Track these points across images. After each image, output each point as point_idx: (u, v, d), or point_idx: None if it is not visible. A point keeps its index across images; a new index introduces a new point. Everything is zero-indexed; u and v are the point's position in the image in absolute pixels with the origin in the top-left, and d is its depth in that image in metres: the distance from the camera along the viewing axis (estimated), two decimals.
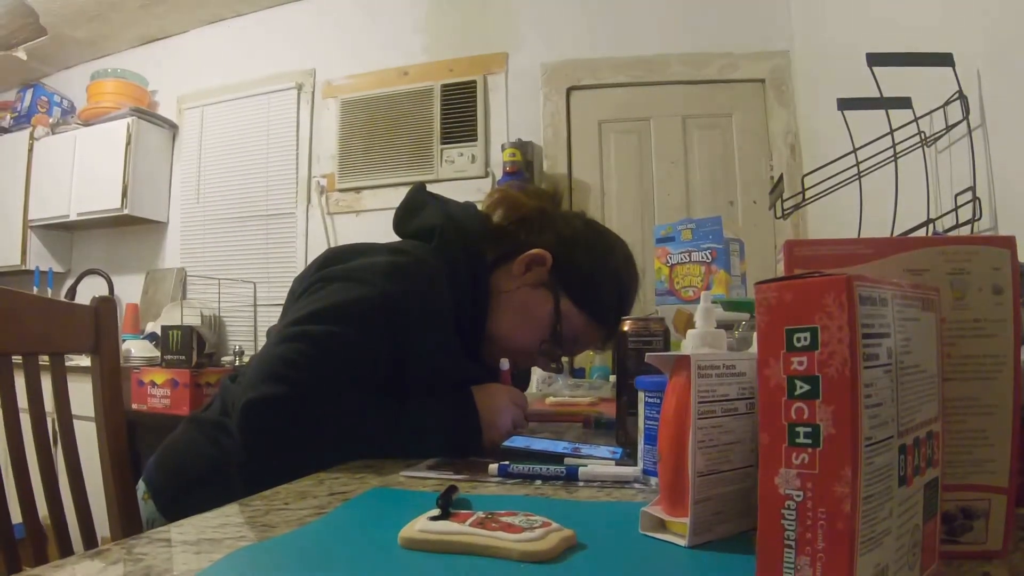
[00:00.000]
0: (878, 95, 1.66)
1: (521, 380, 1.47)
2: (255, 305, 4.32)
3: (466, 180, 3.92)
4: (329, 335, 1.09)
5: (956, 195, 1.56)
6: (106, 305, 1.42)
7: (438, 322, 1.21)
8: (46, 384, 1.29)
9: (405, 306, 1.15)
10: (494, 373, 1.33)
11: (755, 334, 0.46)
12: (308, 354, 1.07)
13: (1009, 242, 0.56)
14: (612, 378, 2.06)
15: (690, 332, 0.74)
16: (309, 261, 1.32)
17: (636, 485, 0.85)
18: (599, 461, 0.96)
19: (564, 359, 1.42)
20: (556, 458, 0.99)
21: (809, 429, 0.42)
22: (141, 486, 1.30)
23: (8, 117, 4.89)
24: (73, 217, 4.54)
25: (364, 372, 1.11)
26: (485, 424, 1.13)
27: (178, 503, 1.16)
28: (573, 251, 1.33)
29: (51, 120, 4.83)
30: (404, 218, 1.40)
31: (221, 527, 0.69)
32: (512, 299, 1.32)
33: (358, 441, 1.07)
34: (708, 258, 1.69)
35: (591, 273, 1.33)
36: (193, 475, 1.22)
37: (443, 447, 1.08)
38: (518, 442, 1.10)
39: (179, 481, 1.24)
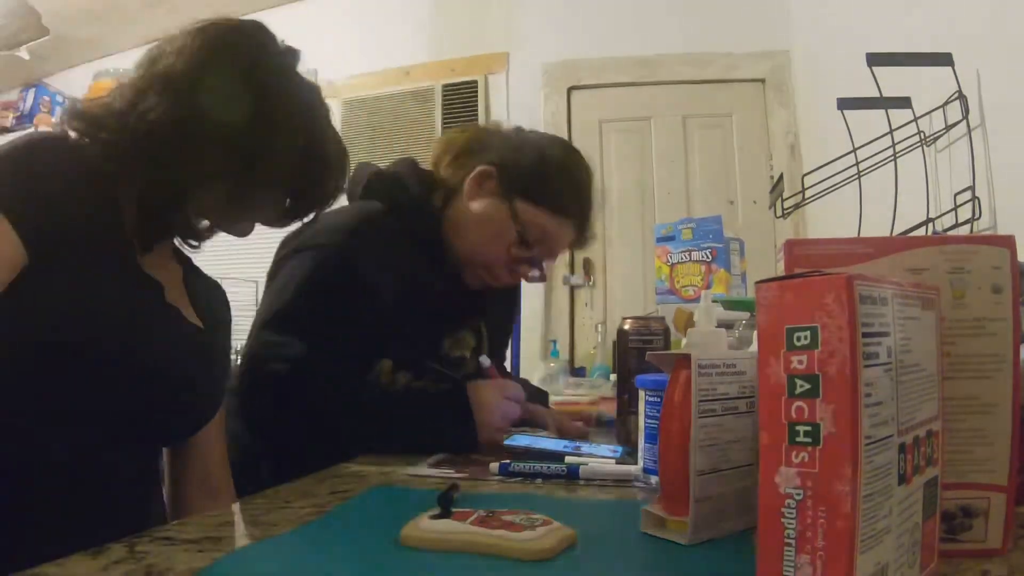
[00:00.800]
0: (878, 95, 1.66)
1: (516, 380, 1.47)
2: (257, 304, 4.31)
3: None
4: (295, 305, 1.16)
5: (955, 194, 1.56)
6: None
7: (392, 251, 1.25)
8: None
9: (356, 248, 1.21)
10: (471, 297, 1.38)
11: (755, 333, 0.46)
12: (285, 330, 1.14)
13: (1008, 241, 0.57)
14: (613, 377, 2.07)
15: (690, 331, 0.75)
16: None
17: (637, 483, 0.86)
18: (600, 460, 0.96)
19: (545, 265, 1.43)
20: (557, 456, 0.99)
21: (809, 428, 0.42)
22: None
23: (11, 117, 4.89)
24: None
25: (340, 327, 1.15)
26: (478, 424, 1.14)
27: None
28: (514, 155, 1.36)
29: (54, 120, 4.83)
30: (350, 190, 1.42)
31: (223, 525, 0.70)
32: (470, 215, 1.34)
33: (353, 428, 1.11)
34: (708, 257, 1.70)
35: (536, 169, 1.34)
36: None
37: (436, 447, 1.09)
38: (519, 440, 1.10)
39: None
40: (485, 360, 1.35)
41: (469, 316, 1.40)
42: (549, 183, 1.34)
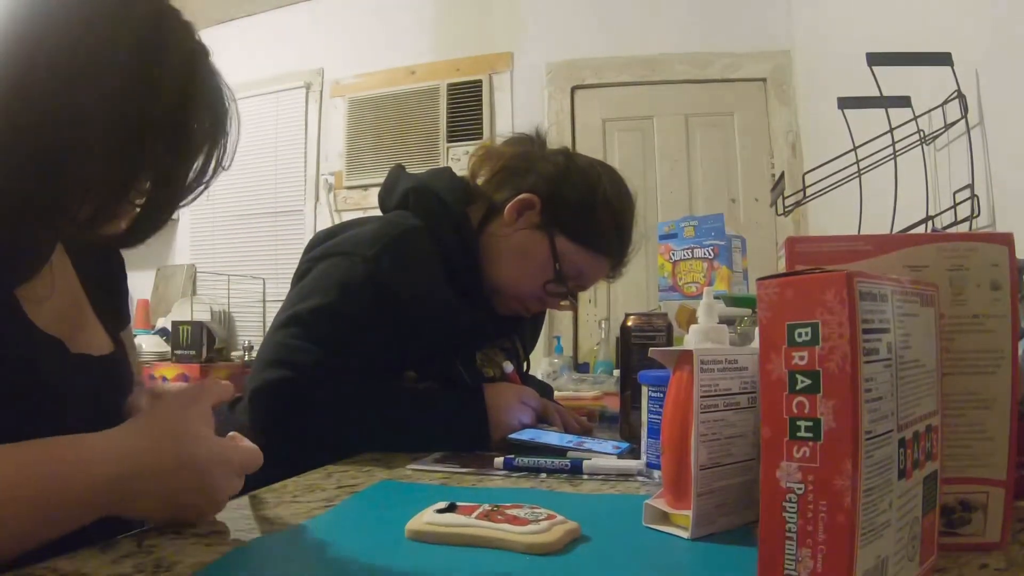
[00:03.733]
0: (878, 94, 1.66)
1: (529, 382, 1.46)
2: (264, 301, 4.35)
3: None
4: (317, 311, 1.12)
5: (955, 192, 1.57)
6: None
7: (424, 277, 1.21)
8: None
9: (383, 268, 1.16)
10: (502, 321, 1.36)
11: (757, 329, 0.46)
12: (302, 335, 1.10)
13: (1007, 239, 0.57)
14: (616, 372, 2.07)
15: (693, 327, 0.75)
16: None
17: (639, 478, 0.86)
18: (603, 455, 0.97)
19: (578, 293, 1.42)
20: (560, 452, 1.00)
21: (810, 423, 0.43)
22: None
23: None
24: None
25: (361, 340, 1.13)
26: (493, 423, 1.14)
27: None
28: (560, 188, 1.31)
29: None
30: (384, 197, 1.40)
31: (231, 520, 0.70)
32: (507, 245, 1.31)
33: (365, 432, 1.09)
34: (710, 254, 1.70)
35: (581, 206, 1.31)
36: None
37: (450, 445, 1.09)
38: (523, 435, 1.11)
39: None
40: (508, 366, 1.35)
41: (501, 335, 1.39)
42: (593, 222, 1.32)
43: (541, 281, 1.32)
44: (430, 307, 1.20)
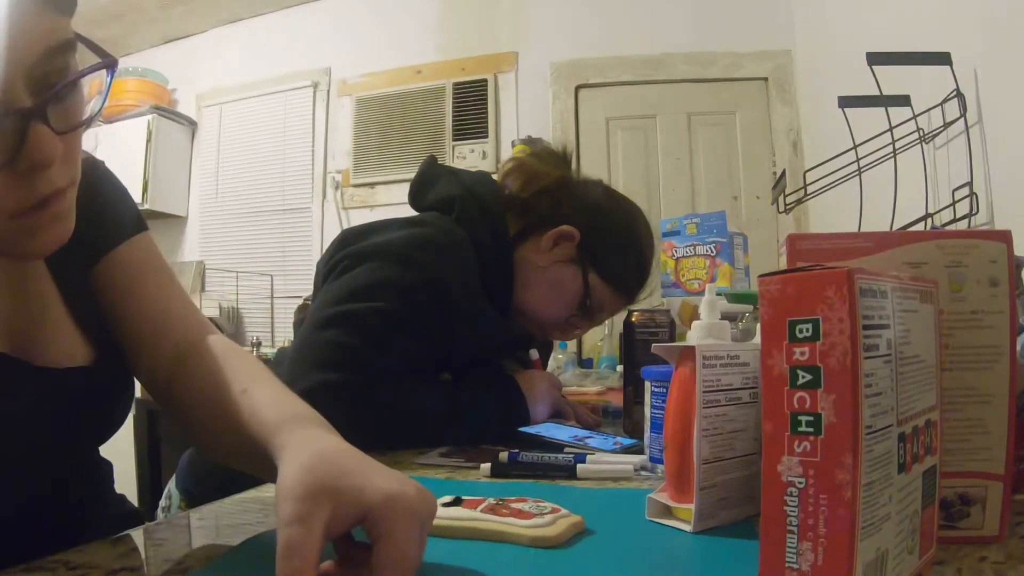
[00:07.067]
0: (878, 93, 1.67)
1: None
2: (272, 297, 4.38)
3: None
4: (374, 313, 1.07)
5: (954, 191, 1.57)
6: None
7: (473, 288, 1.21)
8: None
9: (441, 276, 1.14)
10: (525, 339, 1.37)
11: (758, 325, 0.47)
12: (355, 335, 1.05)
13: (1005, 236, 0.57)
14: (619, 368, 2.07)
15: (695, 323, 0.75)
16: None
17: (643, 472, 0.87)
18: (606, 450, 0.97)
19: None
20: (564, 447, 1.00)
21: (811, 418, 0.43)
22: (175, 496, 1.27)
23: None
24: None
25: (413, 343, 1.11)
26: (530, 412, 1.17)
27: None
28: (598, 226, 1.33)
29: None
30: (419, 191, 1.38)
31: (240, 513, 0.71)
32: (541, 276, 1.31)
33: (413, 432, 1.07)
34: (712, 251, 1.71)
35: (616, 247, 1.34)
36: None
37: (494, 435, 1.09)
38: (529, 430, 1.11)
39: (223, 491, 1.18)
40: (534, 353, 1.38)
41: (526, 347, 1.41)
42: (625, 266, 1.36)
43: (567, 314, 1.34)
44: (479, 315, 1.20)
